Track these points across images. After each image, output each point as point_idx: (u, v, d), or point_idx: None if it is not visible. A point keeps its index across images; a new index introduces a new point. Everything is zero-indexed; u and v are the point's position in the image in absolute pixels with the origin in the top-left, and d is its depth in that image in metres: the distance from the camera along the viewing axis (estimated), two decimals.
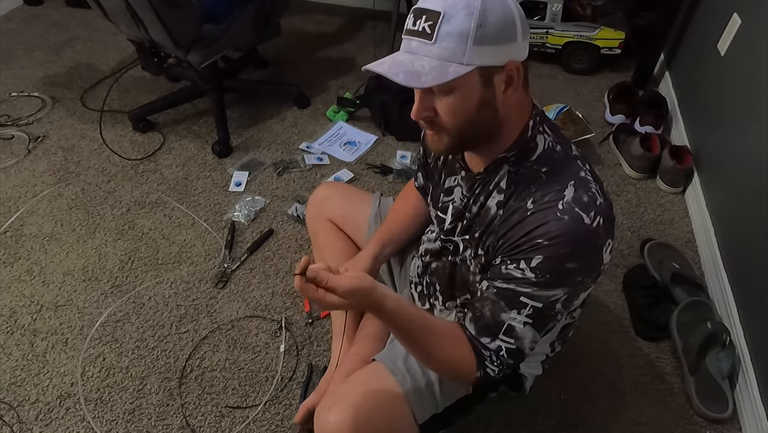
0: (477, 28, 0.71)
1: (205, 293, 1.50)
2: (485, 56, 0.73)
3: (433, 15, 0.72)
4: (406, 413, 0.95)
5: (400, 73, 0.73)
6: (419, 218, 1.17)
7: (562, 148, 0.84)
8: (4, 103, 2.14)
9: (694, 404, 1.28)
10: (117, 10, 1.68)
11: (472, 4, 0.71)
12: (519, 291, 0.81)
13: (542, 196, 0.79)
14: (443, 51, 0.72)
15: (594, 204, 0.78)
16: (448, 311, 1.06)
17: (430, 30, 0.72)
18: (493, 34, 0.72)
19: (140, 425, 1.23)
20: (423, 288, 1.10)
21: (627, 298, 1.52)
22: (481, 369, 0.87)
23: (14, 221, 1.67)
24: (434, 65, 0.72)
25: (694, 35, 2.09)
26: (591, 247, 0.79)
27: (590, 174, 0.83)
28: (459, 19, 0.71)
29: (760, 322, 1.29)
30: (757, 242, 1.35)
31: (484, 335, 0.85)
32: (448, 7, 0.71)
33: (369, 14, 2.74)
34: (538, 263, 0.78)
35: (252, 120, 2.12)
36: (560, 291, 0.81)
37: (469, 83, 0.74)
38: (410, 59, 0.74)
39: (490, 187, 0.86)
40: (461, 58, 0.72)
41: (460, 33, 0.71)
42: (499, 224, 0.84)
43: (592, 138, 1.99)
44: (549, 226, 0.77)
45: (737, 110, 1.60)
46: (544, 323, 0.84)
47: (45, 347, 1.36)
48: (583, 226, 0.77)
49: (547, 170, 0.82)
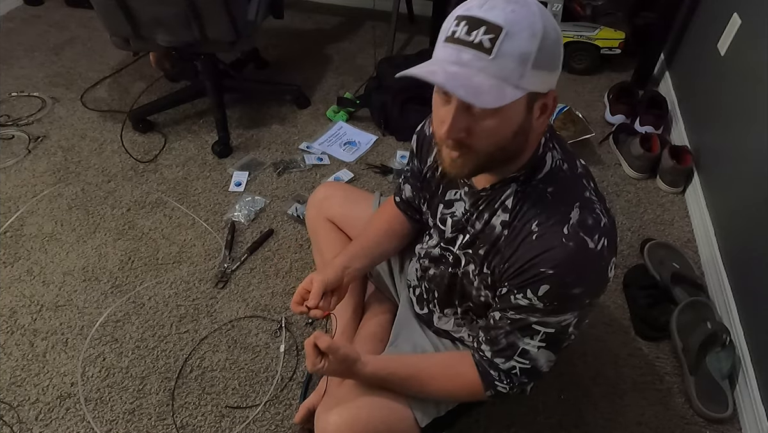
0: (538, 50, 0.66)
1: (205, 293, 1.50)
2: (537, 82, 0.69)
3: (494, 28, 0.65)
4: (407, 415, 0.95)
5: (460, 87, 0.66)
6: (395, 236, 1.13)
7: (569, 165, 0.82)
8: (4, 103, 2.14)
9: (694, 404, 1.28)
10: (166, 16, 1.68)
11: (535, 24, 0.66)
12: (530, 320, 0.81)
13: (547, 218, 0.78)
14: (501, 70, 0.66)
15: (598, 226, 0.78)
16: (447, 317, 1.06)
17: (490, 44, 0.65)
18: (548, 60, 0.69)
19: (140, 425, 1.23)
20: (422, 292, 1.10)
21: (627, 298, 1.52)
22: (490, 389, 0.89)
23: (14, 221, 1.67)
24: (493, 84, 0.66)
25: (694, 35, 2.09)
26: (596, 270, 0.79)
27: (594, 193, 0.82)
28: (522, 39, 0.66)
29: (760, 322, 1.29)
30: (757, 241, 1.35)
31: (498, 356, 0.87)
32: (511, 23, 0.65)
33: (369, 14, 2.74)
34: (545, 292, 0.77)
35: (252, 120, 2.11)
36: (570, 315, 0.81)
37: (516, 108, 0.70)
38: (466, 73, 0.67)
39: (495, 205, 0.84)
40: (517, 80, 0.67)
41: (521, 54, 0.66)
42: (505, 245, 0.82)
43: (592, 138, 1.99)
44: (554, 253, 0.75)
45: (737, 110, 1.60)
46: (559, 345, 0.85)
47: (45, 347, 1.36)
48: (587, 251, 0.76)
49: (552, 190, 0.80)
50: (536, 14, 0.67)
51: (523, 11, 0.66)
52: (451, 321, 1.05)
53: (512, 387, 0.87)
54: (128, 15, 1.68)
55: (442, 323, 1.07)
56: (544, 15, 0.68)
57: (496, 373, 0.87)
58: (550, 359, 0.86)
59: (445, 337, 1.10)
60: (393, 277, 1.26)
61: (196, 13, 1.66)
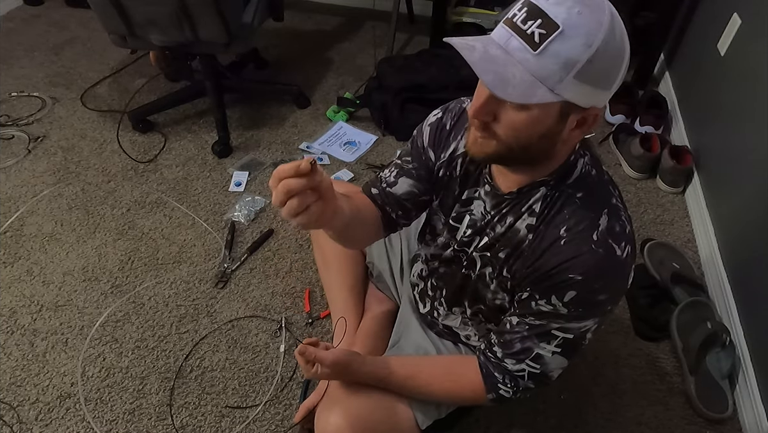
0: (587, 62, 0.63)
1: (205, 293, 1.50)
2: (577, 93, 0.66)
3: (549, 24, 0.62)
4: (407, 416, 0.95)
5: (490, 72, 0.64)
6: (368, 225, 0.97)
7: (597, 171, 0.81)
8: (4, 103, 2.13)
9: (694, 404, 1.28)
10: (159, 17, 1.68)
11: (594, 33, 0.62)
12: (551, 326, 0.81)
13: (576, 224, 0.76)
14: (541, 69, 0.64)
15: (624, 233, 0.77)
16: (454, 315, 1.04)
17: (540, 40, 0.63)
18: (597, 75, 0.65)
19: (140, 425, 1.23)
20: (427, 290, 1.08)
21: (627, 298, 1.52)
22: (493, 392, 0.88)
23: (14, 221, 1.67)
24: (526, 79, 0.64)
25: (694, 35, 2.09)
26: (621, 277, 0.79)
27: (620, 200, 0.81)
28: (574, 44, 0.62)
29: (760, 322, 1.29)
30: (757, 242, 1.35)
31: (509, 357, 0.86)
32: (570, 25, 0.62)
33: (369, 14, 2.74)
34: (572, 298, 0.77)
35: (252, 120, 2.11)
36: (591, 322, 0.81)
37: (547, 111, 0.68)
38: (504, 60, 0.65)
39: (522, 209, 0.82)
40: (554, 84, 0.64)
41: (567, 59, 0.63)
42: (529, 249, 0.81)
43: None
44: (584, 259, 0.74)
45: (737, 110, 1.60)
46: (573, 351, 0.84)
47: (45, 347, 1.36)
48: (615, 258, 0.76)
49: (582, 195, 0.78)
50: (602, 25, 0.63)
51: (590, 17, 0.63)
52: (458, 319, 1.04)
53: (516, 391, 0.87)
54: (122, 14, 1.69)
55: (449, 320, 1.06)
56: (614, 29, 0.64)
57: (501, 376, 0.87)
58: (562, 366, 0.85)
59: (447, 338, 1.09)
60: (393, 277, 1.26)
61: (188, 14, 1.65)
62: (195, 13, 1.65)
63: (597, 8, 0.64)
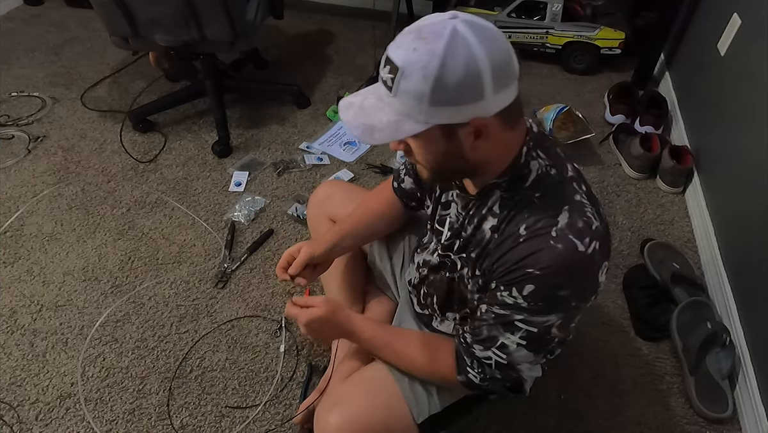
0: (432, 91, 0.68)
1: (205, 293, 1.50)
2: (443, 116, 0.70)
3: (394, 68, 0.69)
4: (405, 413, 0.95)
5: (359, 126, 0.74)
6: (387, 219, 1.17)
7: (558, 171, 0.82)
8: (4, 103, 2.14)
9: (694, 404, 1.28)
10: (164, 17, 1.68)
11: (429, 65, 0.67)
12: (514, 317, 0.82)
13: (535, 222, 0.78)
14: (403, 106, 0.71)
15: (589, 229, 0.77)
16: (448, 321, 1.06)
17: (391, 83, 0.70)
18: (452, 96, 0.68)
19: (140, 425, 1.23)
20: (420, 298, 1.10)
21: (627, 298, 1.52)
22: (463, 375, 0.89)
23: (14, 221, 1.67)
24: (392, 120, 0.71)
25: (694, 35, 2.09)
26: (585, 274, 0.79)
27: (586, 197, 0.82)
28: (415, 79, 0.68)
29: (760, 322, 1.29)
30: (757, 242, 1.35)
31: (477, 344, 0.87)
32: (408, 64, 0.68)
33: (369, 14, 2.73)
34: (531, 292, 0.78)
35: (252, 120, 2.12)
36: (554, 317, 0.81)
37: (430, 136, 0.73)
38: (376, 106, 0.73)
39: (484, 211, 0.86)
40: (417, 115, 0.70)
41: (416, 93, 0.68)
42: (494, 248, 0.83)
43: (592, 138, 1.99)
44: (541, 255, 0.76)
45: (737, 110, 1.60)
46: (540, 346, 0.85)
47: (45, 347, 1.36)
48: (576, 254, 0.76)
49: (540, 195, 0.80)
50: (436, 53, 0.67)
51: (424, 50, 0.67)
52: (451, 325, 1.06)
53: (483, 378, 0.88)
54: (127, 14, 1.69)
55: (443, 327, 1.07)
56: (455, 49, 0.67)
57: (470, 360, 0.88)
58: (528, 360, 0.86)
59: None
60: (394, 276, 1.26)
61: (194, 13, 1.66)
62: (201, 11, 1.66)
63: (434, 38, 0.68)
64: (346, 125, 0.75)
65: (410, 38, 0.69)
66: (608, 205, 1.81)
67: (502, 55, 0.70)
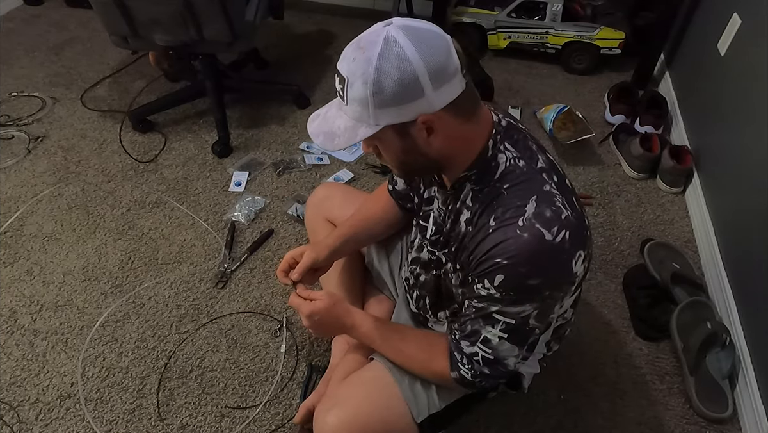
0: (373, 95, 0.73)
1: (205, 293, 1.50)
2: (390, 117, 0.75)
3: (342, 79, 0.75)
4: (404, 412, 0.95)
5: (320, 134, 0.81)
6: (385, 222, 1.19)
7: (526, 163, 0.83)
8: (4, 103, 2.14)
9: (694, 404, 1.28)
10: (163, 16, 1.68)
11: (366, 72, 0.72)
12: (491, 309, 0.83)
13: (503, 213, 0.80)
14: (354, 113, 0.76)
15: (558, 218, 0.78)
16: (441, 322, 1.07)
17: (342, 93, 0.76)
18: (392, 98, 0.73)
19: (140, 425, 1.23)
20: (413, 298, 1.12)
21: (627, 298, 1.52)
22: (456, 371, 0.90)
23: (14, 221, 1.67)
24: (349, 126, 0.77)
25: (694, 35, 2.09)
26: (554, 262, 0.80)
27: (556, 187, 0.82)
28: (357, 87, 0.73)
29: (760, 322, 1.29)
30: (757, 242, 1.35)
31: (464, 340, 0.89)
32: (350, 73, 0.74)
33: (369, 14, 2.74)
34: (501, 281, 0.79)
35: (252, 120, 2.12)
36: (528, 307, 0.82)
37: (385, 136, 0.78)
38: (336, 115, 0.80)
39: (458, 204, 0.88)
40: (368, 119, 0.76)
41: (361, 99, 0.74)
42: (468, 241, 0.85)
43: (592, 138, 1.99)
44: (507, 244, 0.78)
45: (737, 110, 1.60)
46: (522, 338, 0.86)
47: (45, 347, 1.36)
48: (543, 242, 0.77)
49: (508, 187, 0.82)
50: (372, 60, 0.72)
51: (361, 59, 0.73)
52: (444, 325, 1.06)
53: (474, 375, 0.88)
54: (126, 14, 1.69)
55: (438, 327, 1.08)
56: (389, 54, 0.72)
57: (460, 356, 0.89)
58: (513, 354, 0.87)
59: None
60: (392, 276, 1.26)
61: (193, 14, 1.66)
62: (200, 12, 1.66)
63: (370, 47, 0.73)
64: (311, 135, 0.82)
65: (351, 49, 0.75)
66: (608, 205, 1.81)
67: (436, 52, 0.73)
